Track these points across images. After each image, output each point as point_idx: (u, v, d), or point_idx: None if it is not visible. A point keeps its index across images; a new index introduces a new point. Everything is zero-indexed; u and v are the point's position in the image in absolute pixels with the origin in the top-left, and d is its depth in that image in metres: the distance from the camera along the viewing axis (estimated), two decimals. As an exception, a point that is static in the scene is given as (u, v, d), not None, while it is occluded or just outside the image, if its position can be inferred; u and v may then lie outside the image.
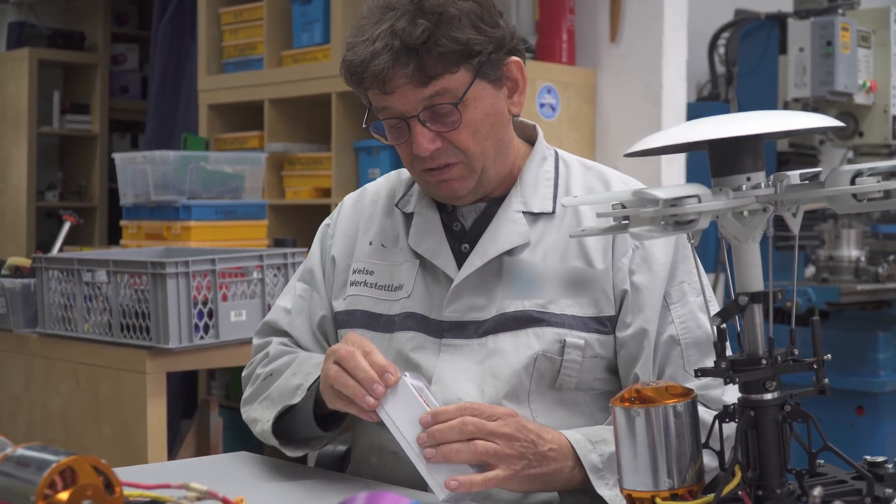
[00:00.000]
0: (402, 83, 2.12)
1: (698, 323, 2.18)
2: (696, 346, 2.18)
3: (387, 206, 2.41)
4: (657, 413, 1.65)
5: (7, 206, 8.42)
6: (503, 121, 2.23)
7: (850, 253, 5.66)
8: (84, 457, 1.56)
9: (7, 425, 4.33)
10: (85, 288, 4.01)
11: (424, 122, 2.15)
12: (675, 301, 2.20)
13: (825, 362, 1.62)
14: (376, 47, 2.10)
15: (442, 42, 2.09)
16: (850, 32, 5.42)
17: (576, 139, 5.26)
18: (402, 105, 2.15)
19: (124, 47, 9.14)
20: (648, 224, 1.55)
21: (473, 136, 2.17)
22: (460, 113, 2.15)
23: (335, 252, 2.42)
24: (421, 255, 2.30)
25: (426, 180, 2.24)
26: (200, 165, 4.93)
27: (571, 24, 5.36)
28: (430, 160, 2.18)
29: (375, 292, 2.33)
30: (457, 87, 2.13)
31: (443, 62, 2.11)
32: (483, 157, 2.20)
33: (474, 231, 2.28)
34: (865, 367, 5.47)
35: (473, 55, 2.13)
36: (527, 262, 2.23)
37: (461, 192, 2.23)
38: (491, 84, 2.19)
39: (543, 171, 2.32)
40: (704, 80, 6.23)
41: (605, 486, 2.05)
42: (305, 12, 5.67)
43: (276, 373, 2.36)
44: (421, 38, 2.08)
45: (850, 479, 1.64)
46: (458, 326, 2.23)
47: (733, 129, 1.53)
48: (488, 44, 2.15)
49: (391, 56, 2.09)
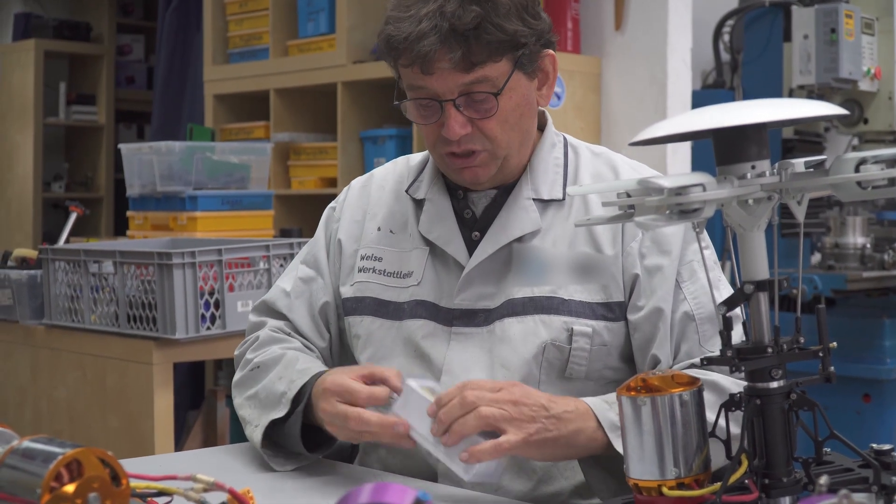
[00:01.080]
0: (445, 67, 2.10)
1: (710, 298, 2.14)
2: (710, 320, 2.17)
3: (395, 192, 2.40)
4: (663, 402, 1.65)
5: (13, 197, 8.43)
6: (531, 112, 2.24)
7: (856, 240, 5.65)
8: (90, 449, 1.56)
9: (13, 417, 4.34)
10: (91, 279, 4.01)
11: (459, 106, 2.14)
12: (686, 279, 2.19)
13: (831, 350, 1.62)
14: (423, 27, 2.07)
15: (491, 30, 2.08)
16: (854, 19, 5.41)
17: (581, 127, 5.25)
18: (441, 87, 2.13)
19: (130, 38, 9.15)
20: (654, 213, 1.55)
21: (502, 125, 2.17)
22: (497, 102, 2.14)
23: (342, 236, 2.41)
24: (432, 242, 2.29)
25: (448, 163, 2.23)
26: (206, 156, 4.93)
27: (576, 13, 5.35)
28: (457, 145, 2.17)
29: (384, 279, 2.32)
30: (497, 77, 2.13)
31: (489, 50, 2.10)
32: (508, 147, 2.20)
33: (485, 218, 2.27)
34: (872, 354, 5.46)
35: (518, 47, 2.13)
36: (536, 249, 2.22)
37: (483, 178, 2.22)
38: (526, 75, 2.19)
39: (553, 158, 2.31)
40: (709, 68, 6.22)
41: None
42: (311, 2, 5.67)
43: (263, 368, 2.33)
44: (471, 24, 2.07)
45: (857, 466, 1.64)
46: (468, 315, 2.22)
47: (737, 118, 1.53)
48: (531, 36, 2.15)
49: (439, 38, 2.07)
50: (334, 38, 5.50)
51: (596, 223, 1.96)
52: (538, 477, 2.19)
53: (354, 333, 2.34)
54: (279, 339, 2.41)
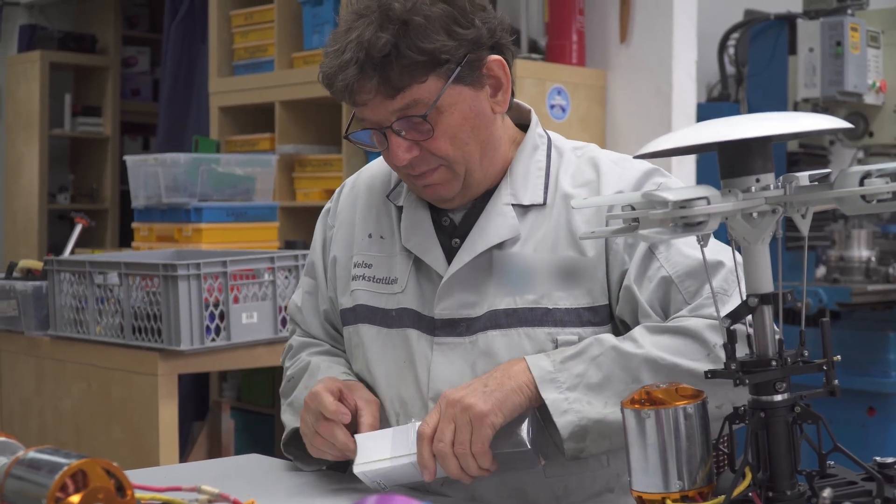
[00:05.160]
0: (369, 97, 2.08)
1: (684, 254, 2.09)
2: (690, 274, 2.08)
3: (383, 193, 2.38)
4: (667, 415, 1.65)
5: (19, 209, 8.44)
6: (485, 122, 2.17)
7: (861, 253, 5.66)
8: (95, 460, 1.57)
9: (19, 427, 4.34)
10: (97, 290, 4.02)
11: (399, 131, 2.10)
12: (660, 248, 2.11)
13: (835, 363, 1.62)
14: (345, 58, 2.05)
15: (406, 54, 2.03)
16: (860, 32, 5.42)
17: (586, 140, 5.21)
18: (374, 116, 2.11)
19: (135, 50, 9.15)
20: (658, 226, 1.56)
21: (452, 142, 2.12)
22: (431, 123, 2.09)
23: (336, 251, 2.40)
24: (410, 250, 2.27)
25: (413, 184, 2.21)
26: (211, 168, 4.94)
27: (581, 26, 5.36)
28: (410, 168, 2.14)
29: (373, 286, 2.31)
30: (427, 97, 2.08)
31: (409, 73, 2.05)
32: (466, 161, 2.15)
33: (464, 226, 2.24)
34: (876, 367, 5.46)
35: (441, 63, 2.07)
36: (517, 256, 2.18)
37: (447, 195, 2.19)
38: (469, 87, 2.12)
39: (535, 162, 2.26)
40: (714, 81, 6.23)
41: (554, 389, 2.02)
42: (316, 14, 5.68)
43: (296, 378, 2.39)
44: (383, 50, 2.02)
45: (860, 480, 1.64)
46: (450, 324, 2.20)
47: (742, 132, 1.54)
48: (459, 48, 2.08)
49: (357, 69, 2.04)
50: (340, 51, 5.50)
51: (601, 236, 1.97)
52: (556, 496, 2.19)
53: (355, 343, 2.34)
54: (308, 345, 2.46)
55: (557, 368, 2.03)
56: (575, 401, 2.00)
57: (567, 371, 2.02)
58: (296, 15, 5.85)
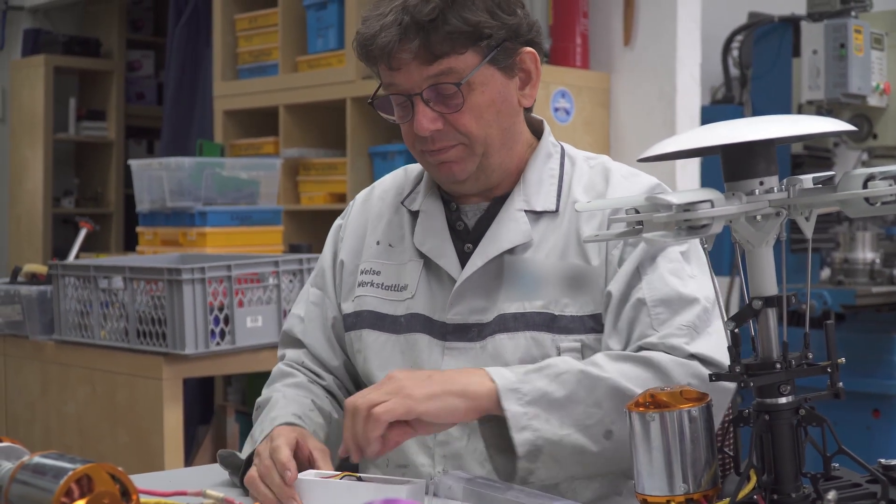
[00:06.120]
0: (407, 59, 2.10)
1: (665, 282, 2.10)
2: (664, 303, 2.09)
3: (394, 204, 2.39)
4: (672, 418, 1.65)
5: (23, 213, 8.44)
6: (511, 110, 2.20)
7: (865, 255, 5.65)
8: (100, 464, 1.57)
9: (23, 432, 4.35)
10: (101, 294, 4.02)
11: (427, 101, 2.13)
12: (647, 270, 2.12)
13: (839, 366, 1.62)
14: (386, 21, 2.09)
15: (451, 21, 2.07)
16: (864, 34, 5.41)
17: (590, 143, 5.25)
18: (407, 82, 2.13)
19: (140, 54, 9.16)
20: (662, 229, 1.56)
21: (477, 120, 2.15)
22: (464, 95, 2.12)
23: (344, 256, 2.40)
24: (425, 254, 2.27)
25: (427, 161, 2.22)
26: (216, 171, 4.94)
27: (585, 28, 5.36)
28: (431, 142, 2.16)
29: (382, 292, 2.31)
30: (463, 69, 2.11)
31: (450, 41, 2.09)
32: (486, 142, 2.17)
33: (477, 230, 2.25)
34: (881, 369, 5.46)
35: (483, 38, 2.11)
36: (528, 262, 2.19)
37: (460, 175, 2.20)
38: (501, 71, 2.16)
39: (548, 169, 2.28)
40: (718, 84, 6.23)
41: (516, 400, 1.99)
42: (320, 18, 5.68)
43: (258, 410, 2.33)
44: (430, 14, 2.06)
45: (865, 482, 1.64)
46: (461, 329, 2.20)
47: (746, 135, 1.54)
48: (500, 29, 2.12)
49: (399, 31, 2.07)
50: (343, 54, 5.50)
51: (605, 239, 1.97)
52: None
53: (357, 349, 2.34)
54: (285, 375, 2.40)
55: (521, 380, 2.01)
56: (534, 416, 1.98)
57: (530, 384, 2.01)
58: (300, 19, 5.85)
